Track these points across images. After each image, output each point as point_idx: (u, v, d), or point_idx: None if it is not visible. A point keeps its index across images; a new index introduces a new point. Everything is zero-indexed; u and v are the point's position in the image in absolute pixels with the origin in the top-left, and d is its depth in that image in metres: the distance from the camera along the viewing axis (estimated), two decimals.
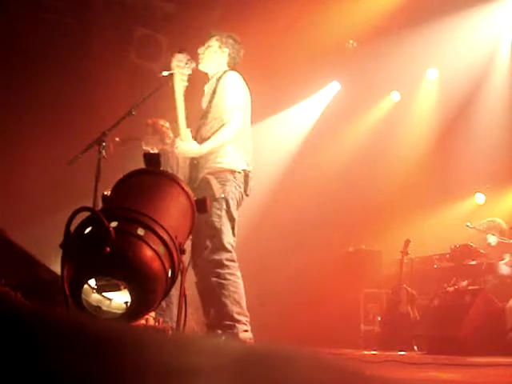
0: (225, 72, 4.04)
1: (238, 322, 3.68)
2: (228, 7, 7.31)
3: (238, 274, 3.77)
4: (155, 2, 7.51)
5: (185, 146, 3.80)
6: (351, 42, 8.10)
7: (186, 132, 3.81)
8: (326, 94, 9.00)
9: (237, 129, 3.84)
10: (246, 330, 3.71)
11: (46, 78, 7.25)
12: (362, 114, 8.83)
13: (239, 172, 3.84)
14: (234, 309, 3.67)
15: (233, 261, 3.76)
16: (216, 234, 3.74)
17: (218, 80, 3.98)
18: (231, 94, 3.88)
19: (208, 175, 3.80)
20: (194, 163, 3.86)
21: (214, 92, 3.95)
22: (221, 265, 3.71)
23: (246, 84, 4.04)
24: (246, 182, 3.88)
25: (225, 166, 3.81)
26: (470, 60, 7.75)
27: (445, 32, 7.59)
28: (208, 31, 4.22)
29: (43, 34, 7.38)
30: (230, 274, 3.72)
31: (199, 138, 3.89)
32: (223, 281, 3.69)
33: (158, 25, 7.64)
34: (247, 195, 3.93)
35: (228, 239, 3.76)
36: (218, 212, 3.73)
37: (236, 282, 3.73)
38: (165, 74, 4.04)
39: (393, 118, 8.67)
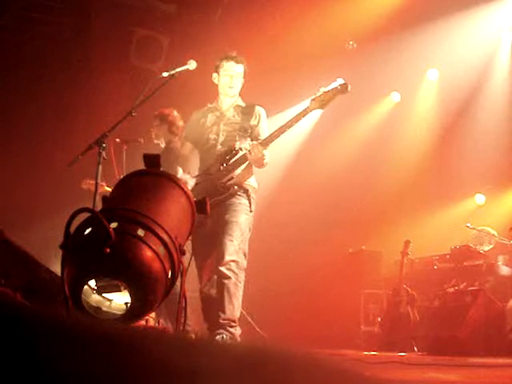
0: (256, 105, 4.28)
1: (236, 324, 3.89)
2: (228, 8, 7.31)
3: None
4: (155, 2, 7.50)
5: (265, 152, 3.98)
6: (351, 42, 8.10)
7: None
8: None
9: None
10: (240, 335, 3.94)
11: (46, 79, 7.26)
12: (361, 115, 8.82)
13: (256, 191, 4.18)
14: (236, 313, 3.87)
15: (244, 269, 3.97)
16: (242, 240, 3.98)
17: (252, 107, 4.23)
18: (266, 128, 4.24)
19: (243, 187, 4.03)
20: (222, 170, 4.01)
21: (250, 115, 4.19)
22: (239, 268, 3.91)
23: None
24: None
25: (251, 184, 4.13)
26: (470, 60, 7.75)
27: (445, 32, 7.59)
28: (235, 52, 4.30)
29: (43, 35, 7.38)
30: (242, 279, 3.93)
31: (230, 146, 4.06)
32: (238, 283, 3.88)
33: (158, 25, 7.63)
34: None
35: (246, 249, 4.01)
36: (250, 226, 4.06)
37: (242, 288, 3.93)
38: (165, 74, 4.05)
39: (393, 118, 8.66)
